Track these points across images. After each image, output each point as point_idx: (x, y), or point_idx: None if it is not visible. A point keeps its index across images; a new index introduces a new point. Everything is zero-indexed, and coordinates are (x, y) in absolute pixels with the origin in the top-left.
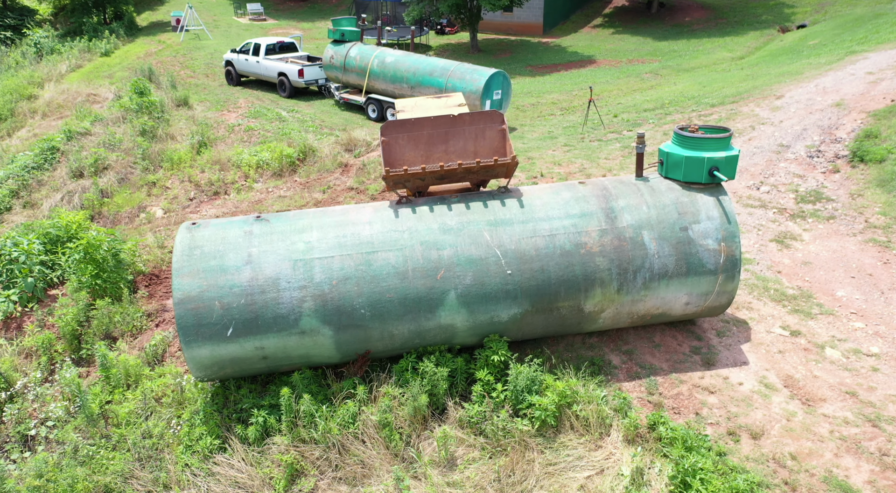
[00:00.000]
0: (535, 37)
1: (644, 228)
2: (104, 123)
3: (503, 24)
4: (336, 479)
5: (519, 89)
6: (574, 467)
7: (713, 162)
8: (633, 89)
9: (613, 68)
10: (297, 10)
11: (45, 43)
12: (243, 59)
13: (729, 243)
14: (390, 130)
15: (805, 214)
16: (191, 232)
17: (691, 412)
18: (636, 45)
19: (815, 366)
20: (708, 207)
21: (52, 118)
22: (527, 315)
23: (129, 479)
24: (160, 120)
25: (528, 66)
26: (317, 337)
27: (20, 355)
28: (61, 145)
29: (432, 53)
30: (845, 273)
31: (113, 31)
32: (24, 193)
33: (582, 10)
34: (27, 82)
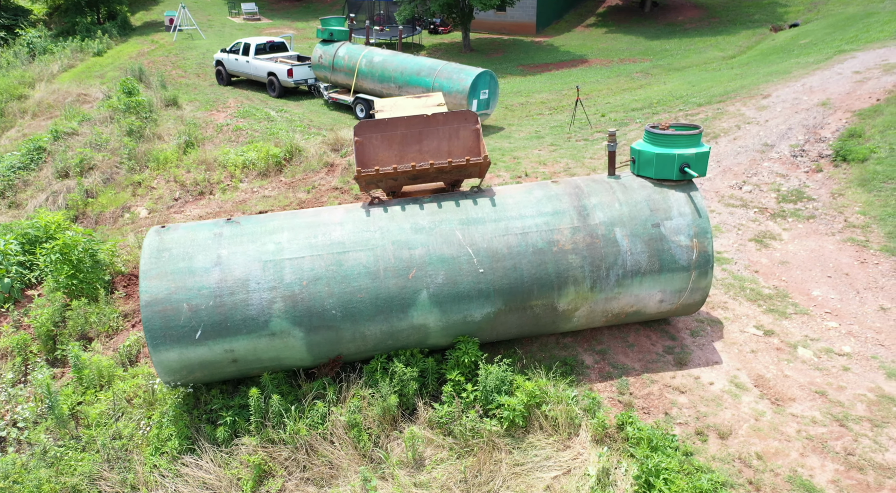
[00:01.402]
0: (528, 36)
1: (616, 226)
2: (92, 123)
3: (497, 23)
4: (304, 480)
5: (509, 89)
6: (541, 467)
7: (684, 159)
8: (622, 89)
9: (604, 68)
10: (292, 10)
11: (38, 43)
12: (233, 58)
13: (701, 239)
14: (364, 130)
15: (786, 213)
16: (159, 235)
17: (661, 412)
18: (628, 44)
19: (787, 366)
20: (680, 203)
21: (42, 118)
22: (500, 314)
23: (96, 480)
24: (147, 120)
25: (520, 65)
26: (287, 339)
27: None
28: (48, 145)
29: (424, 53)
30: (822, 273)
31: (106, 31)
32: (10, 194)
33: (575, 9)
34: (18, 82)
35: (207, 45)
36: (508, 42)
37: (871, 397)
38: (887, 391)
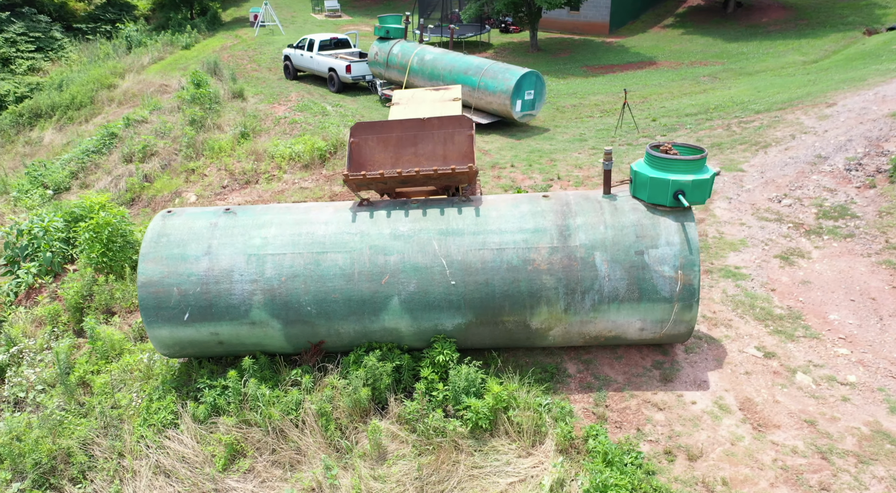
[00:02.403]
0: (600, 36)
1: (597, 249)
2: (161, 112)
3: (569, 23)
4: (272, 462)
5: (565, 90)
6: (499, 472)
7: (678, 185)
8: (683, 93)
9: (671, 70)
10: (373, 7)
11: (135, 36)
12: (299, 54)
13: (687, 271)
14: (360, 132)
15: (822, 230)
16: (163, 220)
17: (633, 428)
18: (703, 46)
19: (780, 391)
20: (669, 231)
21: (125, 106)
22: (471, 326)
23: (89, 445)
24: (210, 111)
25: (584, 66)
26: (266, 329)
27: (32, 323)
28: (120, 132)
29: (491, 52)
30: (845, 295)
31: (195, 26)
32: (82, 175)
33: (654, 8)
34: (110, 73)
35: (285, 41)
36: (578, 42)
37: (864, 431)
38: (885, 427)
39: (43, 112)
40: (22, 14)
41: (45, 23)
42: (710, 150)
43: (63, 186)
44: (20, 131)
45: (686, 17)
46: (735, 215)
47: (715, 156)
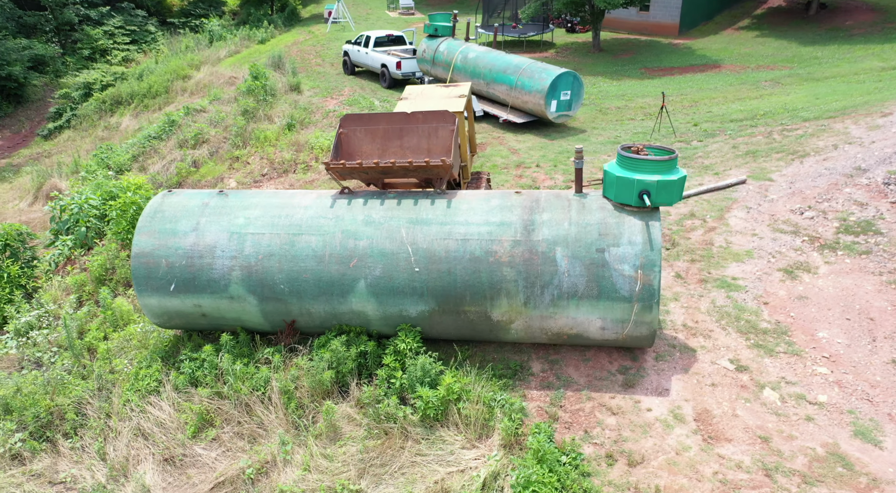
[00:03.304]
0: (668, 37)
1: (559, 245)
2: (220, 103)
3: (638, 23)
4: (237, 434)
5: (614, 91)
6: (441, 461)
7: (643, 185)
8: (737, 98)
9: (734, 74)
10: (447, 6)
11: (216, 31)
12: (356, 50)
13: (647, 271)
14: (349, 123)
15: (839, 245)
16: (163, 198)
17: (582, 429)
18: (775, 49)
19: (742, 405)
20: (633, 231)
21: (195, 96)
22: (434, 314)
23: (82, 404)
24: (263, 102)
25: (643, 68)
26: (244, 304)
27: (63, 291)
28: (180, 120)
29: (552, 52)
30: (842, 313)
31: (272, 22)
32: (142, 159)
33: (730, 9)
34: (187, 65)
35: (353, 37)
36: (643, 43)
37: (819, 452)
38: (842, 449)
39: (123, 100)
40: (121, 8)
41: (141, 17)
42: (744, 157)
43: (124, 168)
44: (102, 117)
45: (763, 18)
46: (749, 226)
47: (747, 164)
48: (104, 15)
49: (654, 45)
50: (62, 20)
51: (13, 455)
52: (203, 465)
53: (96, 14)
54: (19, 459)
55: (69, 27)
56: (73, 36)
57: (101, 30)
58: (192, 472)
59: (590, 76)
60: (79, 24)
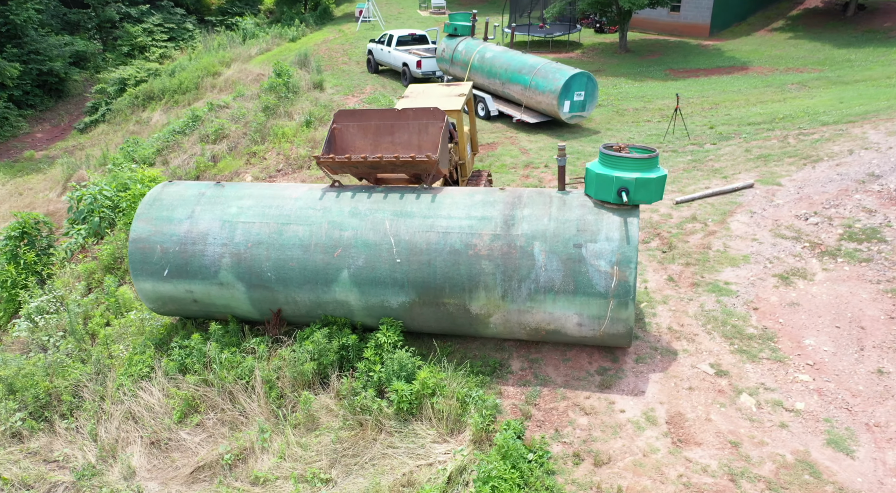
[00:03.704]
0: (699, 38)
1: (537, 239)
2: (243, 99)
3: (668, 24)
4: (220, 421)
5: (634, 93)
6: (412, 454)
7: (622, 182)
8: (760, 101)
9: (761, 77)
10: (479, 5)
11: (249, 29)
12: (380, 48)
13: (623, 268)
14: (342, 118)
15: (839, 252)
16: (163, 187)
17: (553, 428)
18: (808, 52)
19: (717, 410)
20: (611, 227)
21: (224, 93)
22: (415, 305)
23: (79, 387)
24: (284, 99)
25: (668, 69)
26: (233, 290)
27: (74, 278)
28: (203, 115)
29: (579, 52)
30: (832, 321)
31: (303, 20)
32: (165, 152)
33: (764, 10)
34: (217, 62)
35: None
36: (672, 44)
37: (788, 459)
38: (812, 458)
39: (155, 95)
40: (161, 7)
41: (180, 15)
42: (755, 161)
43: (149, 161)
44: (134, 112)
45: (798, 20)
46: (751, 230)
47: (757, 168)
48: (144, 13)
49: (683, 47)
50: (104, 18)
51: (13, 433)
52: (186, 449)
53: (136, 12)
54: (18, 437)
55: (110, 25)
56: (113, 33)
57: (140, 27)
58: (177, 455)
59: (612, 77)
60: (119, 22)
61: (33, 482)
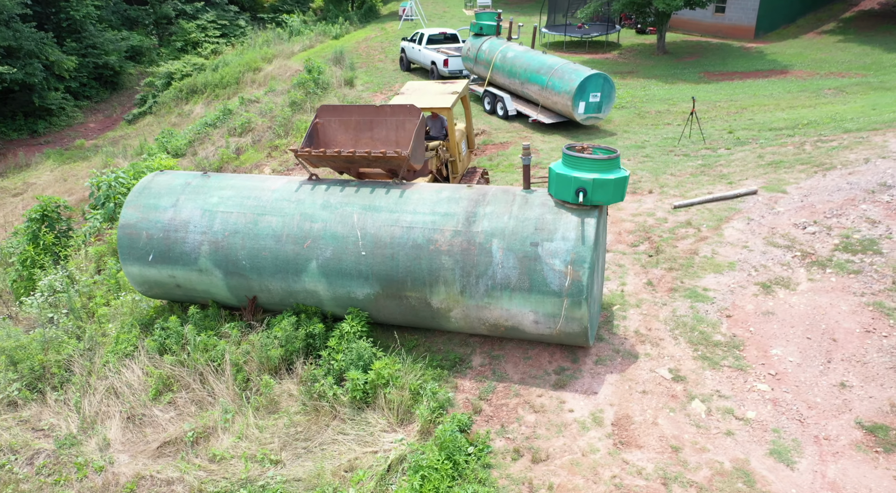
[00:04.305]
0: (742, 41)
1: (496, 237)
2: (274, 94)
3: (712, 25)
4: (190, 400)
5: (660, 95)
6: (360, 441)
7: (580, 183)
8: (789, 106)
9: (798, 81)
10: (525, 5)
11: (295, 26)
12: (411, 46)
13: (577, 267)
14: (325, 113)
15: (831, 263)
16: (153, 176)
17: (500, 423)
18: (855, 55)
19: (666, 414)
20: (568, 227)
21: (263, 88)
22: (379, 298)
23: (70, 361)
24: (312, 95)
25: (703, 72)
26: (211, 277)
27: (87, 260)
28: (235, 109)
29: (616, 53)
30: (804, 332)
31: (348, 18)
32: (196, 144)
33: (815, 12)
34: (260, 58)
35: None
36: (713, 46)
37: (726, 467)
38: (751, 467)
39: (198, 89)
40: (215, 4)
41: (233, 12)
42: (765, 168)
43: (180, 152)
44: (178, 104)
45: (851, 22)
46: (744, 237)
47: (766, 174)
48: (199, 10)
49: (724, 49)
50: (160, 14)
51: (9, 402)
52: (158, 425)
53: (192, 9)
54: (14, 405)
55: (166, 21)
56: (169, 29)
57: (194, 24)
58: (149, 431)
59: (643, 79)
60: (175, 18)
61: (19, 448)
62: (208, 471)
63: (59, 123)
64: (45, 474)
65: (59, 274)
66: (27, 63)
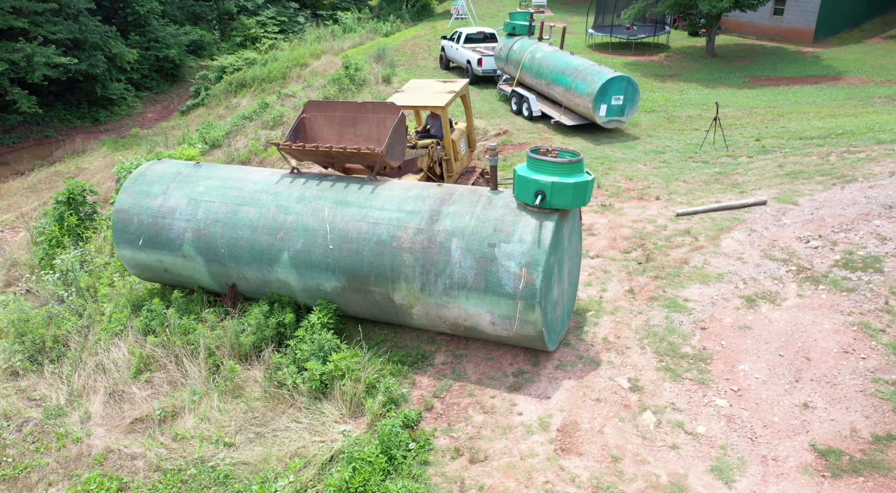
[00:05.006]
0: (800, 44)
1: (456, 236)
2: (311, 89)
3: (769, 28)
4: (165, 380)
5: (695, 100)
6: (312, 430)
7: (539, 185)
8: (830, 114)
9: (849, 88)
10: (580, 5)
11: (348, 23)
12: (450, 45)
13: (531, 270)
14: (311, 109)
15: (825, 279)
16: (150, 165)
17: (447, 422)
18: None
19: (614, 424)
20: (526, 229)
21: (305, 83)
22: (346, 292)
23: (69, 336)
24: (345, 91)
25: (749, 77)
26: (194, 263)
27: (105, 242)
28: (272, 103)
29: (663, 55)
30: (777, 349)
31: (399, 16)
32: (232, 135)
33: (883, 15)
34: (308, 54)
35: None
36: (767, 50)
37: (661, 480)
38: (688, 482)
39: (246, 83)
40: (276, 0)
41: (293, 9)
42: (782, 178)
43: (217, 143)
44: (227, 97)
45: None
46: (740, 249)
47: (781, 185)
48: (260, 6)
49: (778, 53)
50: (223, 10)
51: (13, 371)
52: (134, 402)
53: (252, 5)
54: (15, 375)
55: (228, 16)
56: (231, 24)
57: (254, 20)
58: (126, 407)
59: (683, 82)
60: (237, 14)
61: (12, 416)
62: (169, 449)
63: (120, 112)
64: (29, 441)
65: (71, 254)
66: (91, 55)
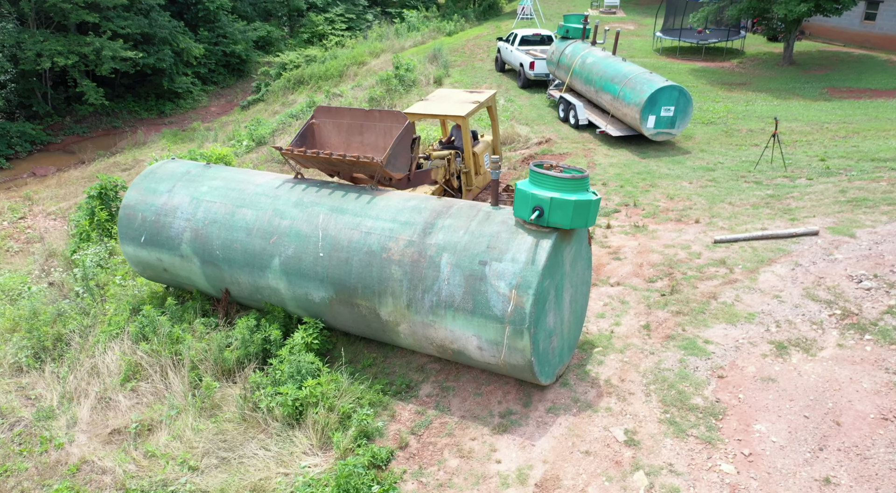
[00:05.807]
0: (893, 53)
1: (447, 251)
2: (360, 89)
3: (859, 34)
4: (151, 389)
5: (761, 112)
6: (278, 460)
7: (537, 201)
8: None
9: None
10: (651, 7)
11: (413, 22)
12: (505, 47)
13: (521, 293)
14: (321, 115)
15: (873, 328)
16: (162, 163)
17: (418, 464)
18: None
19: (600, 483)
20: (521, 248)
21: (355, 83)
22: (334, 303)
23: (72, 334)
24: (392, 91)
25: (828, 87)
26: (191, 264)
27: None
28: (319, 102)
29: (735, 62)
30: (803, 409)
31: (464, 15)
32: (278, 133)
33: None
34: (367, 52)
35: None
36: (853, 58)
37: None
38: None
39: (304, 79)
40: None
41: (362, 6)
42: (842, 205)
43: (263, 140)
44: (285, 94)
45: None
46: (779, 285)
47: (840, 213)
48: (329, 3)
49: (866, 61)
50: (292, 7)
51: (18, 367)
52: (118, 410)
53: (322, 2)
54: (19, 370)
55: (298, 13)
56: (300, 21)
57: (322, 17)
58: (110, 414)
59: (752, 92)
60: (306, 11)
61: (7, 414)
62: (139, 466)
63: (185, 105)
64: (17, 442)
65: (90, 251)
66: (159, 49)
